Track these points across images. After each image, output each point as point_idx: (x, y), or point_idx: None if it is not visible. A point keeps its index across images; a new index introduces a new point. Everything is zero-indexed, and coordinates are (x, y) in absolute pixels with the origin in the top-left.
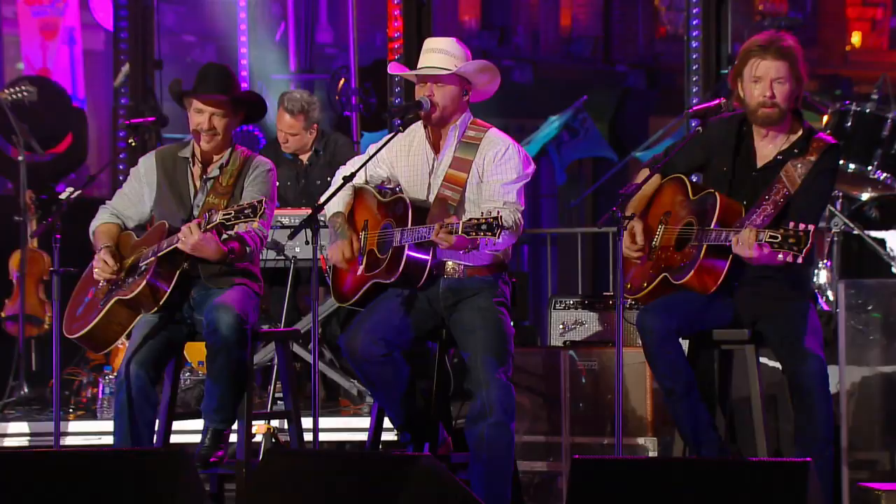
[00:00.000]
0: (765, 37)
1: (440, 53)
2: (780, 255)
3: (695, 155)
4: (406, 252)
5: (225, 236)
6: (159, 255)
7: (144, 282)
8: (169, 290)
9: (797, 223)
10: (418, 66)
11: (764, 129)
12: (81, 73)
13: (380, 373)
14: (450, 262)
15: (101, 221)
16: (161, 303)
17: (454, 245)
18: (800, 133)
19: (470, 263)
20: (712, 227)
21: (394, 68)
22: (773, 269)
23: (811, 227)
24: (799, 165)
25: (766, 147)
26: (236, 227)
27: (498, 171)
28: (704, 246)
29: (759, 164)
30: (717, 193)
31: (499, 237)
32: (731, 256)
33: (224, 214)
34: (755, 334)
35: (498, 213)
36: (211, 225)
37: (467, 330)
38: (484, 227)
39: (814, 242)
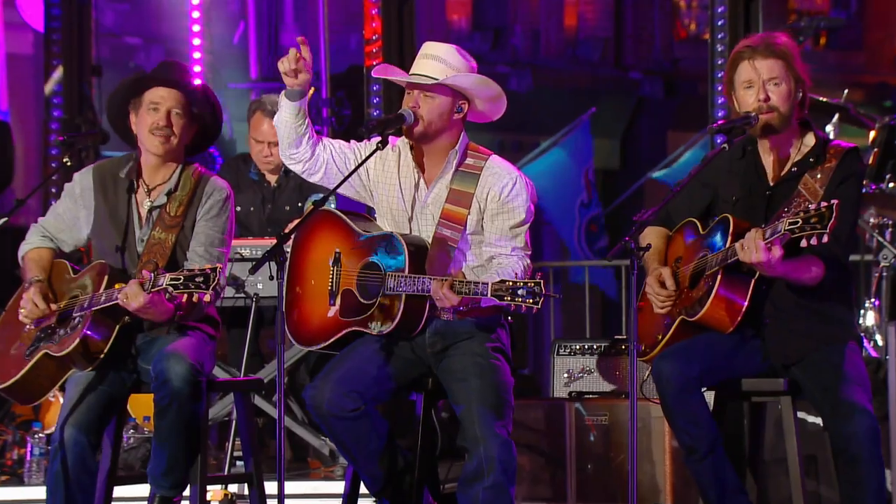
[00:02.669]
0: (754, 38)
1: (434, 61)
2: (804, 241)
3: (696, 195)
4: (403, 301)
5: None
6: (94, 308)
7: (77, 339)
8: (106, 349)
9: (818, 204)
10: (410, 72)
11: (769, 142)
12: (4, 81)
13: (350, 430)
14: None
15: (32, 246)
16: (96, 363)
17: (457, 305)
18: (813, 142)
19: None
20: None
21: (378, 71)
22: (807, 301)
23: (834, 202)
24: (818, 175)
25: (777, 162)
26: (184, 295)
27: (505, 211)
28: (719, 274)
29: (773, 181)
30: (728, 216)
31: (540, 305)
32: (752, 284)
33: (172, 279)
34: (791, 384)
35: (539, 275)
36: (156, 288)
37: (459, 378)
38: (521, 291)
39: (837, 216)
